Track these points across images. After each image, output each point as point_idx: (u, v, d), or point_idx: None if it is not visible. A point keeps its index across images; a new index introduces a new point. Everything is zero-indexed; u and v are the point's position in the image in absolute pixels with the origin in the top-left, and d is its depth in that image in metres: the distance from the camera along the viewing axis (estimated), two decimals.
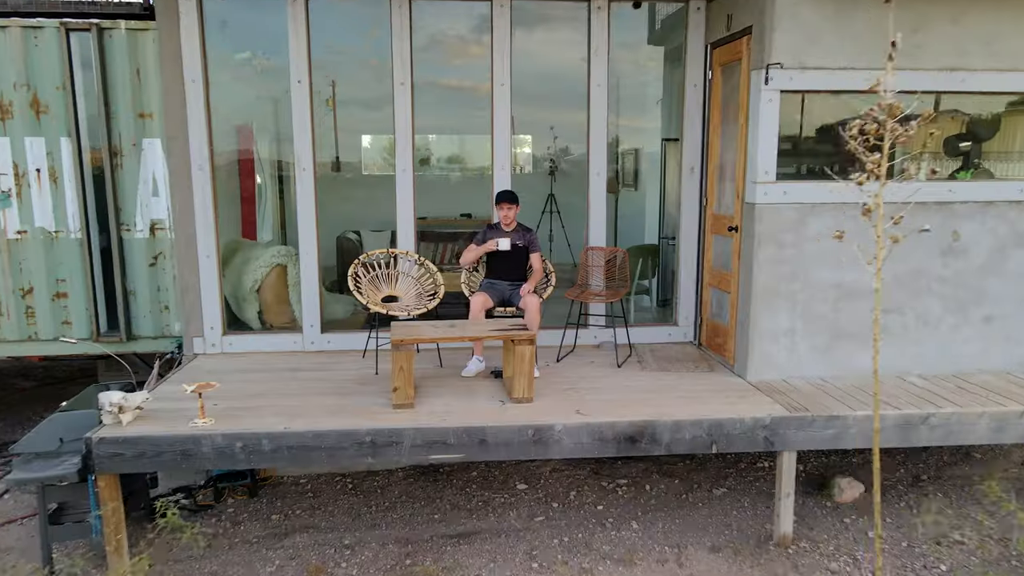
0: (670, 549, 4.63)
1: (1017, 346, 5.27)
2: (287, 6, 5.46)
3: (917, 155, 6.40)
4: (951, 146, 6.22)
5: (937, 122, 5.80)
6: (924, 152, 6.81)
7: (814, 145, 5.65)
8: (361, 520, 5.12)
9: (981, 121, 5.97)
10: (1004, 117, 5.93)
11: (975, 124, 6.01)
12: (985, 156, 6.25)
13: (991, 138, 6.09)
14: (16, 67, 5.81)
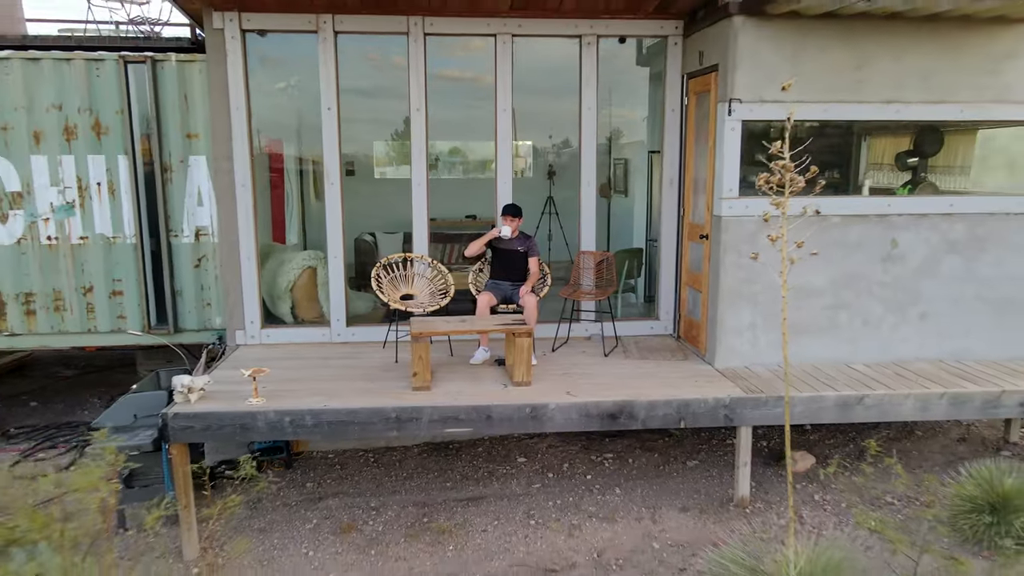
0: (646, 510, 5.49)
1: (949, 339, 6.11)
2: (318, 44, 6.29)
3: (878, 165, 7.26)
4: (901, 161, 7.07)
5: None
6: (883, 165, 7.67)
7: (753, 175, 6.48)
8: (383, 487, 5.98)
9: (926, 140, 6.81)
10: (947, 136, 6.77)
11: (921, 142, 6.86)
12: (932, 170, 7.10)
13: (936, 154, 6.94)
14: (80, 94, 6.66)
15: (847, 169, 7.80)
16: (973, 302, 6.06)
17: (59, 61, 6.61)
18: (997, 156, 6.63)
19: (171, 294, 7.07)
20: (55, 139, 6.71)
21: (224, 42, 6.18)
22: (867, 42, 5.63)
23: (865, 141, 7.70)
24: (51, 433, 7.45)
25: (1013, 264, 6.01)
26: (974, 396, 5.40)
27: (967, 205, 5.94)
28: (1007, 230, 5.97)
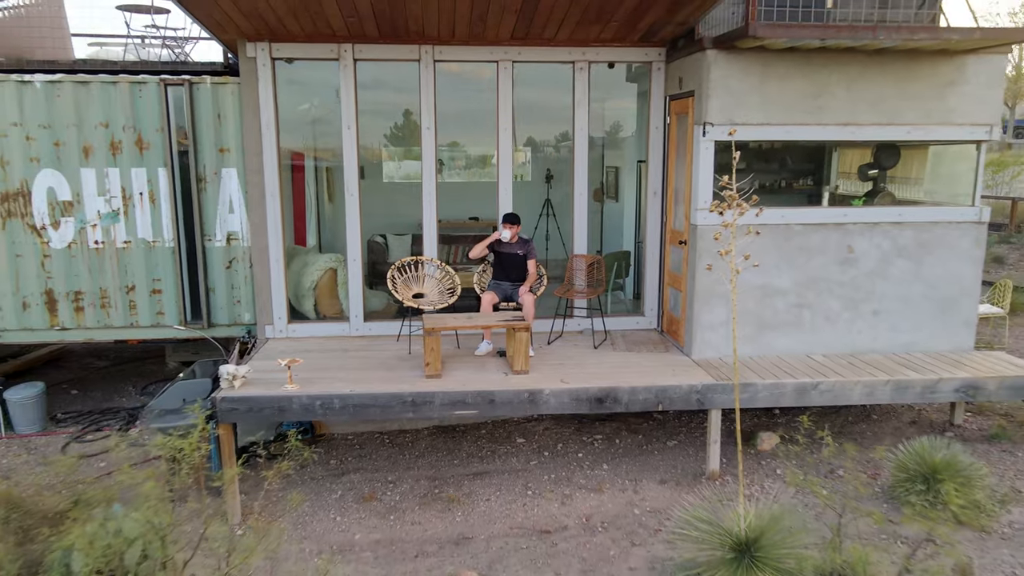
0: (630, 482, 6.29)
1: (899, 333, 6.89)
2: (339, 70, 7.06)
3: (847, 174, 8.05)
4: (863, 172, 7.86)
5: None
6: (851, 174, 8.45)
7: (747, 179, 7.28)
8: (398, 464, 6.78)
9: (884, 154, 7.60)
10: (904, 151, 7.55)
11: (880, 156, 7.64)
12: (891, 180, 7.90)
13: (894, 167, 7.73)
14: (125, 113, 7.43)
15: (820, 176, 8.61)
16: (920, 300, 6.84)
17: (106, 84, 7.37)
18: (945, 170, 7.40)
19: (205, 292, 7.85)
20: (102, 153, 7.48)
21: (256, 69, 6.95)
22: (824, 72, 6.40)
23: (836, 152, 8.51)
24: (96, 418, 8.25)
25: (954, 267, 6.79)
26: (915, 383, 6.19)
27: (914, 215, 6.72)
28: (949, 237, 6.75)
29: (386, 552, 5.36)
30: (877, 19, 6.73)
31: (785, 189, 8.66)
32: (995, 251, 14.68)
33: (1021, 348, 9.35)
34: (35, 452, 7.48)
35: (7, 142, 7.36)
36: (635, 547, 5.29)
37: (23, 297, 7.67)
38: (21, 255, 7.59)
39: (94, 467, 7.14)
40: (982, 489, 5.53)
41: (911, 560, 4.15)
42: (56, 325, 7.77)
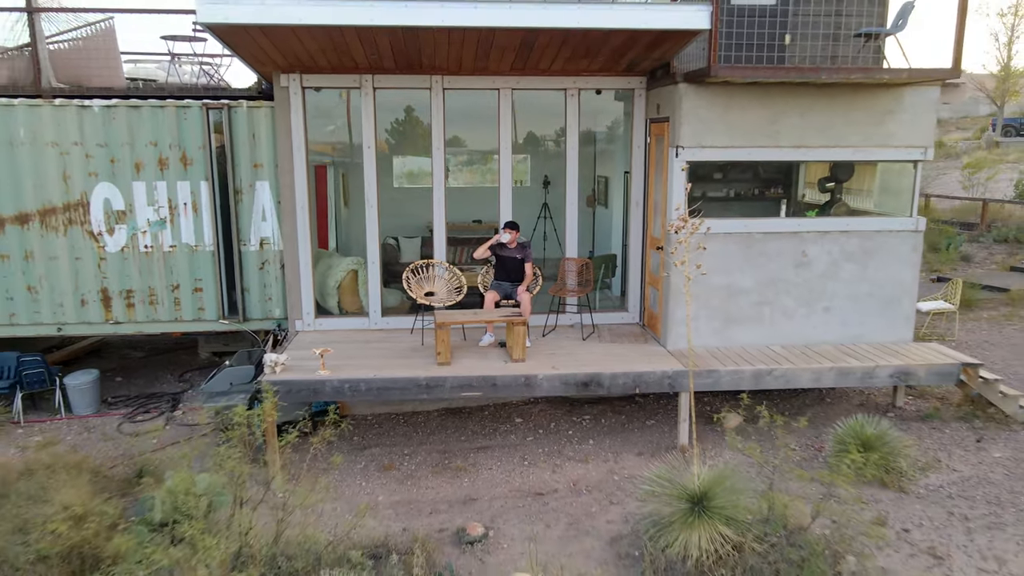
0: (611, 455, 7.35)
1: (847, 327, 7.94)
2: (361, 97, 8.09)
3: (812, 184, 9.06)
4: (821, 185, 8.90)
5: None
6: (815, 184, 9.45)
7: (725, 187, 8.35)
8: (412, 440, 7.84)
9: (840, 169, 8.63)
10: (857, 167, 8.57)
11: (836, 171, 8.68)
12: (848, 192, 8.93)
13: (848, 180, 8.76)
14: (171, 134, 8.47)
15: (790, 186, 9.62)
16: (866, 299, 7.89)
17: (155, 108, 8.41)
18: (893, 183, 8.41)
19: (240, 291, 8.91)
20: (152, 169, 8.52)
21: (289, 97, 7.98)
22: (780, 102, 7.42)
23: (803, 165, 9.52)
24: (143, 401, 9.32)
25: (895, 270, 7.83)
26: (855, 369, 7.25)
27: (860, 225, 7.76)
28: (890, 244, 7.78)
29: (405, 510, 6.42)
30: (830, 54, 7.76)
31: (758, 197, 9.67)
32: (964, 250, 15.68)
33: (970, 340, 10.38)
34: (93, 431, 8.55)
35: (69, 159, 8.41)
36: (613, 505, 6.35)
37: (82, 295, 8.74)
38: (80, 258, 8.65)
39: (148, 443, 8.22)
40: (905, 458, 6.58)
41: (821, 504, 5.20)
42: (110, 319, 8.84)
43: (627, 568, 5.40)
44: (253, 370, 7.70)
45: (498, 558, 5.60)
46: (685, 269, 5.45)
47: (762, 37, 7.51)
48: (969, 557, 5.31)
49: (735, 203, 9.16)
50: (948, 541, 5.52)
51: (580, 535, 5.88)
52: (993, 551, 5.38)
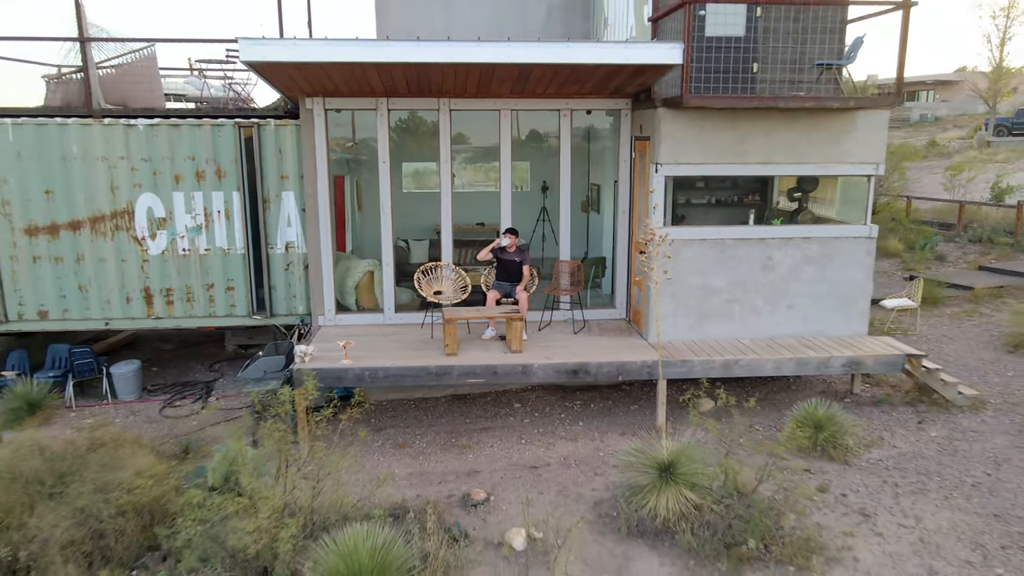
0: (598, 435, 8.36)
1: (808, 323, 8.93)
2: (377, 117, 9.10)
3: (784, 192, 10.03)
4: (790, 195, 9.88)
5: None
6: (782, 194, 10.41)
7: (707, 195, 9.36)
8: (423, 422, 8.86)
9: (805, 181, 9.61)
10: (821, 179, 9.54)
11: (802, 182, 9.66)
12: (814, 201, 9.91)
13: (813, 191, 9.74)
14: (207, 149, 9.48)
15: (765, 194, 10.59)
16: (825, 298, 8.87)
17: (193, 126, 9.43)
18: (848, 194, 9.38)
19: (268, 289, 9.93)
20: (189, 180, 9.54)
21: (313, 118, 8.99)
22: (748, 124, 8.40)
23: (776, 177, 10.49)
24: (179, 388, 10.37)
25: (851, 272, 8.81)
26: (812, 359, 8.25)
27: (819, 232, 8.75)
28: (846, 249, 8.77)
29: (418, 480, 7.45)
30: (794, 80, 8.74)
31: (737, 203, 10.64)
32: (939, 250, 16.64)
33: (930, 334, 11.36)
34: (138, 414, 9.60)
35: (116, 172, 9.43)
36: (597, 476, 7.37)
37: (127, 293, 9.77)
38: (126, 260, 9.68)
39: (188, 424, 9.27)
40: (851, 436, 7.58)
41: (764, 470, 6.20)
42: (151, 315, 9.87)
43: (606, 525, 6.41)
44: (283, 360, 8.72)
45: (497, 518, 6.62)
46: (654, 274, 6.45)
47: (734, 65, 8.50)
48: (892, 516, 6.32)
49: (716, 209, 10.15)
50: (877, 503, 6.53)
51: (568, 500, 6.90)
52: (914, 511, 6.38)
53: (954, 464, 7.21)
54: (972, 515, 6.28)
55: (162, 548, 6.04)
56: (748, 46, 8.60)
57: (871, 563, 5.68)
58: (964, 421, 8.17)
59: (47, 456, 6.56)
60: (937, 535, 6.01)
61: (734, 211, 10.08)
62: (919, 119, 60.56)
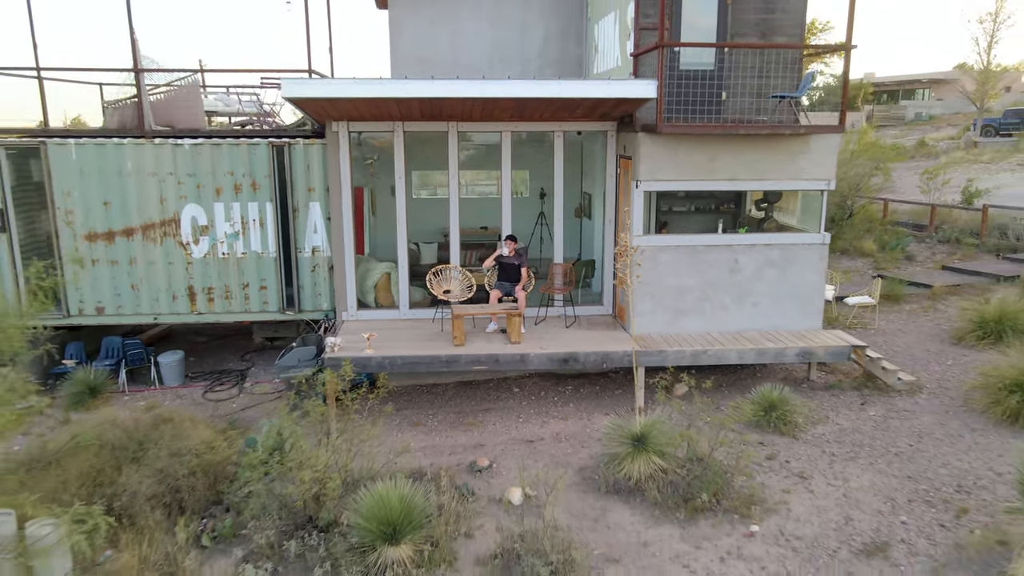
0: (586, 415, 9.68)
1: (770, 318, 10.24)
2: (394, 138, 10.41)
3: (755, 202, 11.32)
4: (757, 205, 11.19)
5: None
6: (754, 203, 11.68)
7: (688, 203, 10.65)
8: (434, 404, 10.19)
9: (770, 193, 10.90)
10: (785, 192, 10.84)
11: (768, 194, 10.96)
12: (779, 210, 11.21)
13: (777, 202, 11.05)
14: (244, 165, 10.80)
15: (739, 203, 11.89)
16: (784, 296, 10.18)
17: (232, 145, 10.74)
18: (808, 205, 10.67)
19: (296, 288, 11.26)
20: (228, 192, 10.86)
21: (338, 140, 10.30)
22: (716, 146, 9.69)
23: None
24: (217, 376, 11.71)
25: (807, 274, 10.12)
26: (770, 349, 9.57)
27: (779, 239, 10.05)
28: (803, 254, 10.07)
29: (431, 452, 8.78)
30: (758, 107, 10.03)
31: (714, 211, 11.95)
32: (910, 250, 17.93)
33: (887, 328, 12.66)
34: (183, 398, 10.94)
35: (165, 185, 10.76)
36: (583, 448, 8.70)
37: (173, 291, 11.11)
38: (172, 263, 11.01)
39: (229, 406, 10.61)
40: (801, 415, 8.90)
41: (717, 439, 7.52)
42: (194, 311, 11.21)
43: (589, 485, 7.75)
44: (314, 350, 10.06)
45: (499, 480, 7.96)
46: (628, 279, 7.77)
47: (705, 94, 9.79)
48: (825, 478, 7.65)
49: (695, 216, 11.46)
50: (814, 468, 7.86)
51: (558, 467, 8.23)
52: (843, 474, 7.71)
53: (884, 437, 8.53)
54: (890, 477, 7.60)
55: (224, 502, 7.40)
56: (717, 77, 9.89)
57: (800, 512, 7.01)
58: (900, 403, 9.49)
59: (123, 428, 7.91)
60: (859, 492, 7.34)
61: (711, 218, 11.39)
62: (914, 117, 61.61)
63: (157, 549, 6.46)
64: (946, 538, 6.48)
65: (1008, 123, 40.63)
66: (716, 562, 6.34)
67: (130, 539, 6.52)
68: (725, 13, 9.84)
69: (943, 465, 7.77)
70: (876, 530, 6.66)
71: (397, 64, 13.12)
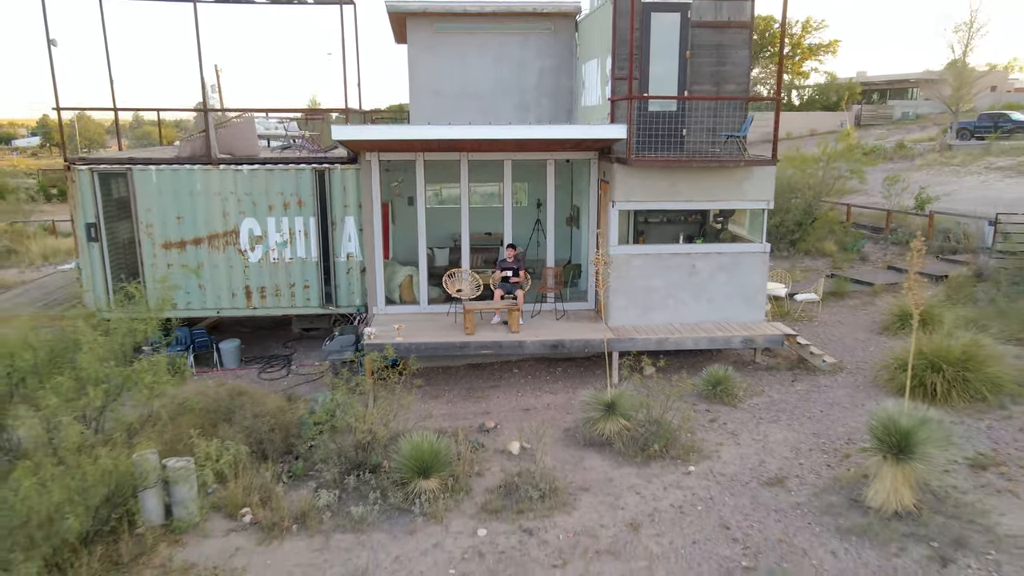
0: (571, 389, 12.05)
1: (722, 312, 12.59)
2: (416, 166, 12.75)
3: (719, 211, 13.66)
4: (715, 219, 13.54)
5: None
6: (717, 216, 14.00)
7: (661, 215, 13.03)
8: (449, 383, 12.57)
9: (724, 210, 13.26)
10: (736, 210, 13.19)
11: (723, 210, 13.31)
12: (734, 222, 13.56)
13: (731, 216, 13.41)
14: (292, 186, 13.15)
15: (704, 216, 14.22)
16: (734, 295, 12.54)
17: (283, 170, 13.09)
18: (754, 221, 13.00)
19: (333, 287, 13.63)
20: (279, 209, 13.21)
21: (371, 167, 12.64)
22: (678, 174, 12.02)
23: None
24: (268, 360, 14.10)
25: (752, 277, 12.46)
26: (720, 337, 11.93)
27: (729, 248, 12.40)
28: (748, 260, 12.42)
29: (449, 417, 11.15)
30: (712, 141, 12.36)
31: (683, 223, 14.29)
32: (865, 252, 20.27)
33: (829, 320, 15.01)
34: (242, 378, 13.30)
35: (227, 203, 13.11)
36: (568, 414, 11.07)
37: (233, 290, 13.47)
38: (232, 267, 13.37)
39: (281, 384, 12.98)
40: (741, 389, 11.27)
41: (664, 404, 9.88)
42: (250, 306, 13.59)
43: (571, 440, 10.11)
44: (353, 338, 12.42)
45: (502, 437, 10.32)
46: (603, 284, 10.14)
47: (669, 132, 12.11)
48: (750, 434, 10.02)
49: (667, 226, 13.78)
50: (744, 428, 10.23)
51: (548, 427, 10.59)
52: (765, 432, 10.08)
53: (803, 406, 10.90)
54: (800, 433, 9.98)
55: (294, 451, 9.77)
56: (679, 117, 12.22)
57: (727, 458, 9.38)
58: (823, 380, 11.86)
59: (212, 398, 10.29)
60: (774, 444, 9.72)
61: (679, 228, 13.73)
62: (901, 116, 63.72)
63: (252, 483, 8.84)
64: (829, 474, 8.86)
65: (982, 126, 42.86)
66: (660, 490, 8.72)
67: (231, 476, 8.90)
68: (685, 65, 12.16)
69: (842, 425, 10.15)
70: (780, 469, 9.05)
71: (415, 94, 15.46)
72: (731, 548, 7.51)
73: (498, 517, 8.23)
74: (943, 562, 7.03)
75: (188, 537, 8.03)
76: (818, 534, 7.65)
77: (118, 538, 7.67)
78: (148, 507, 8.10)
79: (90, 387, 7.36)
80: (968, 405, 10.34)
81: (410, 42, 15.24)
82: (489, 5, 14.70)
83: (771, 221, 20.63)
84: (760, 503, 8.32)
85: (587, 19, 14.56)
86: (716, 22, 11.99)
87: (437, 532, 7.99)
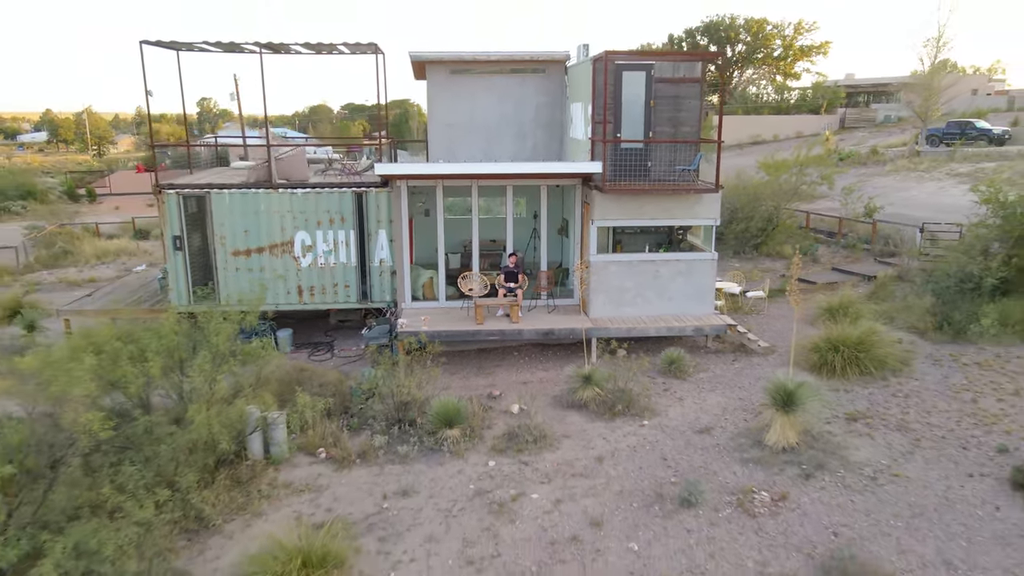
0: (559, 367, 15.30)
1: (681, 307, 15.83)
2: (436, 191, 16.00)
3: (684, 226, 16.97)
4: (676, 232, 16.85)
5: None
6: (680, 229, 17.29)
7: (632, 230, 16.33)
8: (462, 363, 15.83)
9: (683, 226, 16.54)
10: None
11: (684, 225, 16.60)
12: (694, 234, 16.86)
13: (689, 230, 16.70)
14: (336, 205, 16.40)
15: (671, 229, 17.46)
16: (690, 294, 15.78)
17: (329, 193, 16.33)
18: (707, 233, 16.22)
19: (368, 286, 16.88)
20: (325, 223, 16.46)
21: (401, 191, 15.88)
22: (644, 198, 15.25)
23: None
24: (314, 346, 17.37)
25: (703, 279, 15.71)
26: (676, 327, 15.21)
27: (685, 256, 15.66)
28: (700, 266, 15.67)
29: (464, 388, 14.39)
30: (672, 171, 15.59)
31: (653, 233, 17.54)
32: (817, 255, 23.49)
33: (773, 313, 18.25)
34: (296, 359, 16.56)
35: (284, 219, 16.36)
36: (556, 386, 14.33)
37: (288, 289, 16.75)
38: (288, 270, 16.63)
39: (327, 365, 16.23)
40: (691, 367, 14.53)
41: (630, 377, 13.13)
42: (301, 302, 16.86)
43: (558, 404, 13.38)
44: (388, 328, 15.69)
45: (504, 402, 13.58)
46: (583, 286, 13.40)
47: (637, 165, 15.35)
48: (693, 399, 13.28)
49: (640, 236, 17.02)
50: (688, 395, 13.50)
51: (540, 395, 13.84)
52: (704, 397, 13.33)
53: (737, 380, 14.16)
54: (730, 398, 13.25)
55: (349, 411, 13.02)
56: (646, 153, 15.46)
57: (673, 416, 12.65)
58: (757, 360, 15.13)
59: (285, 370, 13.56)
60: (709, 406, 12.98)
61: (650, 238, 16.98)
62: (883, 120, 66.78)
63: (324, 431, 12.09)
64: (746, 425, 12.14)
65: (950, 133, 46.03)
66: (621, 437, 11.98)
67: (310, 425, 12.16)
68: (650, 112, 15.39)
69: (763, 391, 13.41)
70: (710, 422, 12.32)
71: (433, 125, 18.70)
72: (666, 471, 10.80)
73: (503, 454, 11.50)
74: (807, 477, 10.31)
75: (283, 467, 11.32)
76: (727, 463, 10.94)
77: (236, 466, 10.97)
78: (253, 447, 11.38)
79: (229, 358, 10.63)
80: (859, 378, 13.63)
81: (429, 83, 18.47)
82: (494, 55, 17.93)
83: (737, 227, 24.03)
84: (691, 444, 11.60)
85: (574, 67, 17.79)
86: (674, 78, 15.22)
87: (460, 463, 11.27)
